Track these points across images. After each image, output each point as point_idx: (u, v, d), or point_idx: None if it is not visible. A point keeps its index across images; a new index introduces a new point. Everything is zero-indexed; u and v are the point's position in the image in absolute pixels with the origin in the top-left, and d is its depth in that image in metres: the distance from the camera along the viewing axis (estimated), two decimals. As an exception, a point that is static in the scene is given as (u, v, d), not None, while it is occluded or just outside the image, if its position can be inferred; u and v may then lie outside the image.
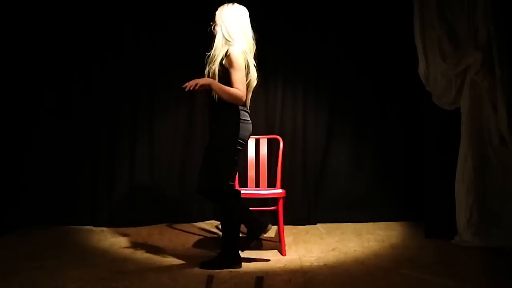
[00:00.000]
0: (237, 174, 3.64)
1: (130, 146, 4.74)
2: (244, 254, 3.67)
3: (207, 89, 3.25)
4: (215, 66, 3.22)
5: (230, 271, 3.26)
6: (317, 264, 3.45)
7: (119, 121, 4.71)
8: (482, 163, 3.88)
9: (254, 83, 3.37)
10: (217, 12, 3.32)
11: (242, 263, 3.38)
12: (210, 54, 3.30)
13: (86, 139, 4.71)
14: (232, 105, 3.23)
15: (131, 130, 4.74)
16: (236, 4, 3.35)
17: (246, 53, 3.27)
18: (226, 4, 3.33)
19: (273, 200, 3.89)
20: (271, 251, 3.78)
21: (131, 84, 4.71)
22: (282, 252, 3.67)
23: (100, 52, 4.69)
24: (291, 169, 4.72)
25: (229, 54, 3.19)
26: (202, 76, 3.29)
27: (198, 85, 3.15)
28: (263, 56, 4.73)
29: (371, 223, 4.73)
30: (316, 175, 4.83)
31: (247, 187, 4.08)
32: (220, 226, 4.64)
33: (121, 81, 4.70)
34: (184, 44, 4.74)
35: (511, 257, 3.54)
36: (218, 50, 3.26)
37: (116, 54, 4.70)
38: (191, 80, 3.17)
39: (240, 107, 3.28)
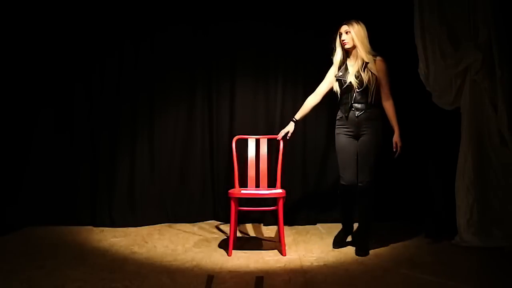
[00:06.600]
0: None
1: (130, 147, 4.74)
2: (244, 254, 3.68)
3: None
4: (369, 74, 3.63)
5: (230, 271, 3.26)
6: (317, 264, 3.45)
7: (119, 121, 4.71)
8: (482, 163, 3.88)
9: None
10: (353, 29, 3.64)
11: (242, 263, 3.39)
12: (347, 63, 3.73)
13: (86, 139, 4.71)
14: (381, 109, 3.72)
15: (131, 130, 4.74)
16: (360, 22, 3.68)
17: None
18: (356, 21, 3.67)
19: (273, 200, 3.89)
20: (271, 251, 3.78)
21: (131, 86, 4.71)
22: (282, 252, 3.67)
23: (101, 54, 4.69)
24: (291, 169, 4.72)
25: (381, 62, 3.67)
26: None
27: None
28: (264, 56, 4.78)
29: (371, 223, 4.73)
30: (316, 175, 4.83)
31: (247, 187, 4.08)
32: (220, 226, 4.65)
33: (121, 82, 4.70)
34: (183, 47, 4.75)
35: (511, 257, 3.54)
36: (366, 60, 3.65)
37: (117, 57, 4.70)
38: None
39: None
